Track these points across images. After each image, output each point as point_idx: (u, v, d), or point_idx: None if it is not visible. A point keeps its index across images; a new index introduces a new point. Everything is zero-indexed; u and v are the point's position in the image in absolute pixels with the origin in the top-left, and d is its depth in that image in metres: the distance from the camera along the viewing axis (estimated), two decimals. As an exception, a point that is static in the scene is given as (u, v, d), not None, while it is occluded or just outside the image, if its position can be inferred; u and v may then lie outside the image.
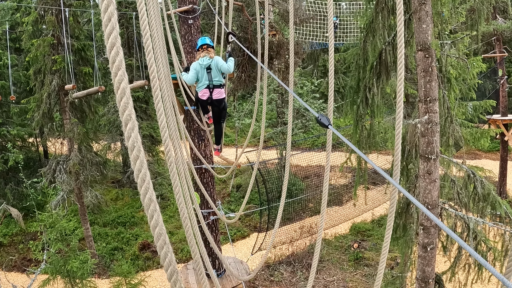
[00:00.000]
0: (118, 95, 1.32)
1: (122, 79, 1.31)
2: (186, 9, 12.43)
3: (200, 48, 9.03)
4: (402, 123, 2.48)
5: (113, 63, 1.31)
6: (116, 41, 1.31)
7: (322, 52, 38.38)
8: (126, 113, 1.31)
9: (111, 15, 1.30)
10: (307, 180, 23.80)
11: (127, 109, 1.31)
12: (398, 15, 2.44)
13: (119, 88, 1.32)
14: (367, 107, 9.68)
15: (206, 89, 8.99)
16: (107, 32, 1.31)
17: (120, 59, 1.32)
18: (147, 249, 20.27)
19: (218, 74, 8.96)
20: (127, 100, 1.31)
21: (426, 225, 8.61)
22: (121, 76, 1.31)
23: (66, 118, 19.62)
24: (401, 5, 2.43)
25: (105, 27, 1.31)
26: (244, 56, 15.76)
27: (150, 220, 1.46)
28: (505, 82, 24.86)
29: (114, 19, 1.31)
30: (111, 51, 1.31)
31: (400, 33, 2.48)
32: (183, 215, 2.45)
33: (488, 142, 12.79)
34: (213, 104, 9.28)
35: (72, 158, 19.38)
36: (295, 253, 19.38)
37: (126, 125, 1.33)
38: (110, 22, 1.30)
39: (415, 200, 1.80)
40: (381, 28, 8.81)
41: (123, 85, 1.31)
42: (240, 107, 29.52)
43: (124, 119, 1.33)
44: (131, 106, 1.33)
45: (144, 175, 1.40)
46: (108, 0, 1.30)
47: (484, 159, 30.17)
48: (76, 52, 19.76)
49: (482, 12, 10.47)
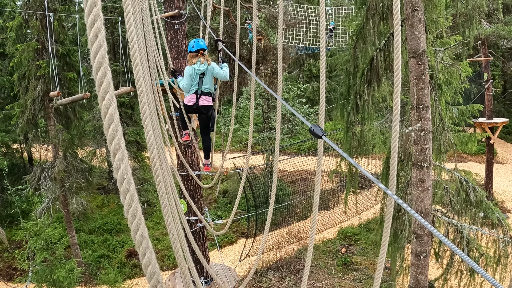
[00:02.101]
0: (105, 121, 1.20)
1: (110, 104, 1.19)
2: (172, 14, 12.32)
3: (195, 51, 8.65)
4: (398, 138, 2.41)
5: (100, 85, 1.17)
6: (104, 61, 1.20)
7: (308, 56, 38.43)
8: (115, 142, 1.21)
9: (98, 31, 1.19)
10: (293, 185, 23.78)
11: (115, 138, 1.20)
12: (395, 14, 2.37)
13: (106, 114, 1.20)
14: (357, 114, 9.60)
15: (193, 94, 8.64)
16: (93, 52, 1.18)
17: (108, 81, 1.18)
18: (133, 256, 20.07)
19: (210, 82, 8.66)
20: (116, 128, 1.20)
21: (419, 233, 8.55)
22: (109, 100, 1.19)
23: (51, 124, 19.41)
24: (398, 4, 2.36)
25: (91, 44, 1.20)
26: (231, 61, 15.67)
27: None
28: (490, 86, 25.07)
29: (102, 36, 1.19)
30: (98, 72, 1.20)
31: (397, 34, 2.41)
32: (169, 224, 2.38)
33: (476, 146, 12.84)
34: (200, 112, 8.89)
35: (57, 165, 19.17)
36: (283, 259, 19.29)
37: (115, 155, 1.22)
38: (97, 39, 1.19)
39: (411, 210, 1.74)
40: (372, 35, 8.73)
41: (110, 110, 1.18)
42: (226, 112, 29.45)
43: (112, 149, 1.22)
44: (120, 134, 1.22)
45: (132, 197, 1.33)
46: (95, 15, 1.18)
47: (470, 162, 30.36)
48: (61, 57, 19.58)
49: (474, 17, 10.49)
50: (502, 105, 37.44)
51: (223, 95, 18.48)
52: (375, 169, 21.88)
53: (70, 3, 21.57)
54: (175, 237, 2.47)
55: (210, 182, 27.34)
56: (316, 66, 38.61)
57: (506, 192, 25.77)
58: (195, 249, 5.38)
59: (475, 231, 9.03)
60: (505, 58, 31.35)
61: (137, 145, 24.97)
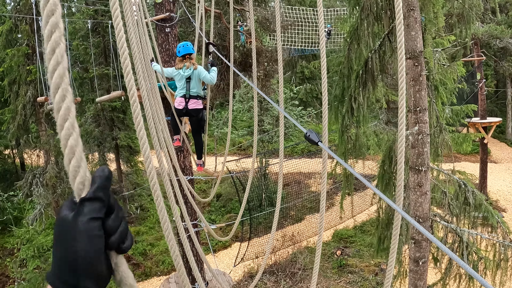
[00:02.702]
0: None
1: (70, 134, 0.97)
2: (163, 17, 12.19)
3: (181, 56, 8.79)
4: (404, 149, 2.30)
5: (58, 111, 0.97)
6: (63, 81, 0.98)
7: (300, 58, 38.41)
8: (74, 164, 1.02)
9: (55, 44, 0.99)
10: (287, 187, 23.66)
11: (78, 175, 1.03)
12: (397, 12, 2.25)
13: (66, 146, 0.98)
14: (352, 117, 9.50)
15: (182, 98, 8.83)
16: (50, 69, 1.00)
17: (68, 106, 0.97)
18: (127, 262, 19.67)
19: (197, 86, 8.77)
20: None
21: (418, 238, 8.44)
22: (68, 130, 0.97)
23: (42, 130, 19.25)
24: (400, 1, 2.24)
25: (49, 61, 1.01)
26: (222, 64, 15.57)
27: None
28: (483, 86, 25.11)
29: (60, 50, 0.97)
30: (56, 94, 0.99)
31: (400, 33, 2.29)
32: (166, 229, 2.25)
33: (470, 146, 12.79)
34: (190, 115, 9.04)
35: (48, 171, 18.99)
36: (278, 262, 19.15)
37: (79, 196, 0.99)
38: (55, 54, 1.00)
39: (411, 219, 1.65)
40: (366, 36, 8.62)
41: (71, 142, 0.98)
42: (219, 115, 29.34)
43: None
44: (84, 170, 1.02)
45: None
46: (52, 25, 0.99)
47: (464, 162, 30.38)
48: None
49: (472, 17, 10.44)
50: (495, 104, 37.61)
51: (216, 98, 18.37)
52: (369, 171, 21.80)
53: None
54: (173, 243, 2.34)
55: (203, 185, 27.26)
56: (308, 68, 38.58)
57: (501, 191, 25.81)
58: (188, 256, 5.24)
59: (475, 235, 8.95)
60: (497, 57, 31.42)
61: (129, 149, 24.79)
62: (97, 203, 0.96)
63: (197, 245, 5.12)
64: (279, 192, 4.33)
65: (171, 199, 3.01)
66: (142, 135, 1.84)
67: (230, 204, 24.74)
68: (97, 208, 0.95)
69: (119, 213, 1.01)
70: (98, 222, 0.95)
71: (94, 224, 0.94)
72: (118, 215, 1.01)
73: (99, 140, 24.32)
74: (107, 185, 1.00)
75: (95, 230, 0.94)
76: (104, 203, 0.97)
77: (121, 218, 1.01)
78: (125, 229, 1.02)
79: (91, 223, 0.93)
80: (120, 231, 1.00)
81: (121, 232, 1.00)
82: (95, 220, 0.94)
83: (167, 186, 3.05)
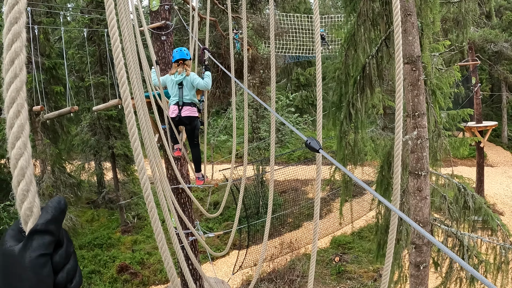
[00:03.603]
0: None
1: (21, 154, 0.86)
2: (159, 25, 12.18)
3: (175, 62, 8.74)
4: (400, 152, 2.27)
5: (11, 128, 0.86)
6: (18, 96, 0.89)
7: (296, 65, 38.51)
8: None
9: (15, 55, 0.90)
10: (284, 194, 23.64)
11: (26, 200, 0.93)
12: (395, 15, 2.23)
13: (16, 167, 0.86)
14: (350, 123, 9.49)
15: (175, 105, 8.69)
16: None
17: (21, 123, 0.86)
18: (125, 271, 19.78)
19: (190, 93, 8.64)
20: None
21: (418, 243, 8.43)
22: (20, 149, 0.85)
23: (38, 139, 19.20)
24: (398, 5, 2.22)
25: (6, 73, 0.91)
26: (218, 72, 15.56)
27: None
28: (478, 90, 25.20)
29: (20, 61, 0.88)
30: (10, 110, 0.90)
31: (398, 36, 2.27)
32: (160, 240, 2.22)
33: (467, 151, 12.80)
34: (183, 123, 8.89)
35: (45, 180, 18.95)
36: (276, 270, 19.09)
37: (26, 223, 0.88)
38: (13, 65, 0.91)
39: (413, 223, 1.64)
40: (363, 41, 8.63)
41: (21, 163, 0.87)
42: (215, 123, 29.34)
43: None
44: (33, 194, 0.92)
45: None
46: (14, 34, 0.90)
47: (460, 166, 30.40)
48: (47, 70, 19.39)
49: (468, 21, 10.49)
50: (491, 108, 37.75)
51: (211, 106, 18.36)
52: (367, 176, 21.79)
53: (56, 15, 21.40)
54: (166, 254, 2.30)
55: (200, 194, 27.22)
56: (304, 75, 38.69)
57: (498, 195, 25.86)
58: (182, 267, 5.21)
59: (475, 238, 8.94)
60: (492, 61, 31.57)
61: (126, 158, 24.75)
62: (47, 236, 0.86)
63: (191, 255, 5.09)
64: (270, 199, 4.31)
65: (164, 208, 2.99)
66: (136, 146, 1.81)
67: (227, 212, 24.70)
68: (47, 243, 0.86)
69: (69, 248, 0.92)
70: (47, 259, 0.85)
71: (43, 261, 0.84)
72: (67, 251, 0.91)
73: (96, 149, 24.28)
74: (61, 218, 0.90)
75: (44, 270, 0.84)
76: (55, 238, 0.88)
77: (70, 254, 0.92)
78: (73, 267, 0.91)
79: (40, 260, 0.84)
80: (68, 269, 0.90)
81: (68, 270, 0.90)
82: (44, 256, 0.85)
83: (160, 195, 3.02)
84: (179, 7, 16.45)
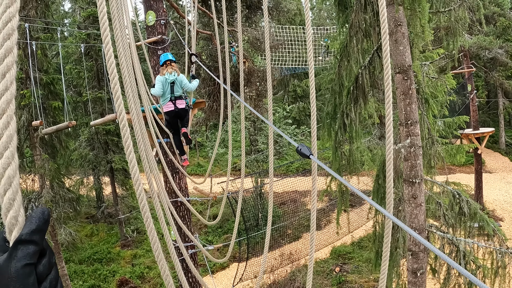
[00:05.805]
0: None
1: (8, 164, 0.88)
2: (155, 39, 12.26)
3: (164, 64, 9.41)
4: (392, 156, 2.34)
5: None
6: (8, 108, 0.91)
7: (292, 77, 38.65)
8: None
9: (7, 69, 0.93)
10: (283, 206, 23.64)
11: (11, 209, 0.90)
12: (382, 27, 2.31)
13: (3, 176, 0.88)
14: (345, 133, 9.57)
15: (169, 101, 9.41)
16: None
17: (10, 134, 0.89)
18: (125, 285, 19.76)
19: (180, 89, 9.41)
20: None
21: (415, 250, 8.46)
22: (8, 159, 0.88)
23: (36, 154, 19.21)
24: (385, 18, 2.30)
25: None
26: (215, 85, 15.64)
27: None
28: (474, 97, 25.29)
29: (11, 75, 0.92)
30: None
31: (385, 47, 2.34)
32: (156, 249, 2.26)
33: (464, 158, 12.86)
34: (180, 115, 9.61)
35: (44, 195, 18.94)
36: (276, 282, 19.07)
37: (11, 232, 0.89)
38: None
39: (408, 229, 1.68)
40: (356, 52, 8.74)
41: (9, 172, 0.88)
42: (213, 136, 29.38)
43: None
44: (19, 204, 0.93)
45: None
46: (7, 49, 0.94)
47: (459, 173, 30.43)
48: (45, 86, 19.44)
49: (458, 30, 10.57)
50: (487, 114, 37.84)
51: (209, 119, 18.42)
52: (364, 186, 21.81)
53: (53, 31, 21.51)
54: (163, 263, 2.34)
55: (199, 207, 27.22)
56: (300, 87, 38.83)
57: (497, 201, 25.86)
58: (181, 280, 5.25)
59: (471, 244, 8.97)
60: (487, 68, 31.68)
61: (124, 172, 24.77)
62: (32, 246, 0.86)
63: (192, 267, 5.12)
64: (270, 211, 4.36)
65: (161, 222, 3.02)
66: (131, 159, 1.86)
67: (227, 224, 24.69)
68: (32, 253, 0.86)
69: (51, 259, 0.92)
70: (32, 268, 0.85)
71: (28, 270, 0.84)
72: (50, 261, 0.91)
73: (94, 164, 24.31)
74: (45, 228, 0.90)
75: (30, 280, 0.84)
76: (39, 247, 0.88)
77: (52, 264, 0.92)
78: (55, 277, 0.91)
79: (25, 270, 0.84)
80: (51, 279, 0.90)
81: (51, 280, 0.90)
82: (29, 266, 0.85)
83: (157, 208, 3.06)
84: (175, 21, 16.57)
